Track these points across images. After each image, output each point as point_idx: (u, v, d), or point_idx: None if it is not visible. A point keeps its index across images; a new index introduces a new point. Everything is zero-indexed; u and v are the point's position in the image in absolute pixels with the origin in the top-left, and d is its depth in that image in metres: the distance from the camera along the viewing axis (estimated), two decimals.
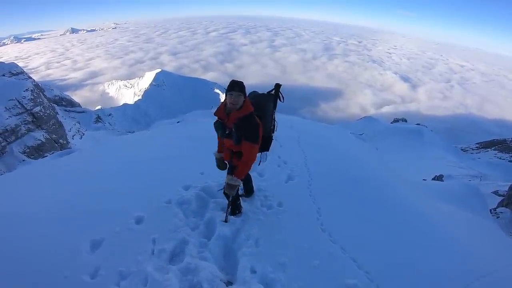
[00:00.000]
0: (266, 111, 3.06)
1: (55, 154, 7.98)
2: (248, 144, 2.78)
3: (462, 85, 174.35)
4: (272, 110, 3.14)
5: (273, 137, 3.28)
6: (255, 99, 3.05)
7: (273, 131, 3.27)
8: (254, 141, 2.79)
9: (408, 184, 5.88)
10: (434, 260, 3.12)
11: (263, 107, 3.03)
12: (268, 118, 3.09)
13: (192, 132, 7.15)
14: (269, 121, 3.12)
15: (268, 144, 3.21)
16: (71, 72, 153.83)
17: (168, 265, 2.67)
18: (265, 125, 3.02)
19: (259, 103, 3.02)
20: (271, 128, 3.18)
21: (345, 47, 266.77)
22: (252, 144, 2.78)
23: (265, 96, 3.13)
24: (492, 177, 21.83)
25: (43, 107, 35.46)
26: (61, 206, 3.42)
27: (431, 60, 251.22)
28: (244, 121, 2.75)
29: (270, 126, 3.15)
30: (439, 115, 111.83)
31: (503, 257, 4.23)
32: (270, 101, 3.10)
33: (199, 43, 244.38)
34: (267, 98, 3.10)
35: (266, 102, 3.08)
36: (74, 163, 5.73)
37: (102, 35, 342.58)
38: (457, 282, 2.93)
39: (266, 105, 3.07)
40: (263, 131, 2.94)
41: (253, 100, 3.01)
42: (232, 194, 3.02)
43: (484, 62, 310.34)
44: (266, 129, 3.08)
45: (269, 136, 3.18)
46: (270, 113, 3.11)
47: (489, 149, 32.88)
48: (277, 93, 3.12)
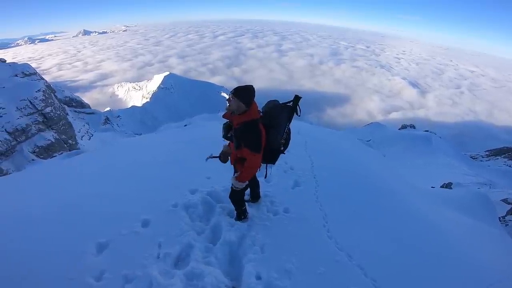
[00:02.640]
0: (278, 123, 2.88)
1: (64, 154, 8.11)
2: (247, 151, 2.75)
3: (472, 91, 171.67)
4: (285, 123, 2.93)
5: (283, 151, 3.07)
6: (269, 108, 2.95)
7: (284, 145, 3.02)
8: (253, 149, 2.71)
9: (416, 191, 5.79)
10: (444, 269, 3.07)
11: (274, 118, 2.88)
12: (278, 130, 2.90)
13: (199, 135, 7.19)
14: (279, 133, 2.91)
15: (274, 157, 3.05)
16: (82, 74, 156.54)
17: (173, 269, 2.68)
18: (273, 136, 2.88)
19: (271, 113, 2.90)
20: (280, 142, 2.95)
21: (352, 52, 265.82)
22: (251, 152, 2.72)
23: (280, 107, 2.93)
24: (502, 185, 21.36)
25: (54, 107, 36.13)
26: (68, 207, 3.46)
27: (440, 66, 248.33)
28: (244, 127, 2.71)
29: (279, 139, 2.93)
30: (448, 122, 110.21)
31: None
32: (284, 113, 2.90)
33: (207, 47, 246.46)
34: (281, 110, 2.91)
35: (279, 113, 2.89)
36: (82, 164, 5.81)
37: (113, 37, 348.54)
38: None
39: (279, 116, 2.88)
40: (270, 143, 2.86)
41: (267, 109, 2.95)
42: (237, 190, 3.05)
43: (495, 67, 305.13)
44: (274, 141, 2.91)
45: (277, 149, 2.98)
46: (282, 126, 2.91)
47: (499, 157, 32.24)
48: (295, 105, 2.92)
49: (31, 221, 3.20)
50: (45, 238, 2.90)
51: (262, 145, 2.75)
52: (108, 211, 3.35)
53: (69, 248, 2.75)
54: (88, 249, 2.74)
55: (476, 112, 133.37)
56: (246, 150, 2.75)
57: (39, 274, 2.47)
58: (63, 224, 3.13)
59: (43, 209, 3.45)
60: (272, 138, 2.89)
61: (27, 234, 2.98)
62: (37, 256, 2.65)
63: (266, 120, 2.85)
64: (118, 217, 3.24)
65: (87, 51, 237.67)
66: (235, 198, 3.22)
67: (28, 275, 2.45)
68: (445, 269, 3.07)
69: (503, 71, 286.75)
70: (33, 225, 3.13)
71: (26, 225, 3.14)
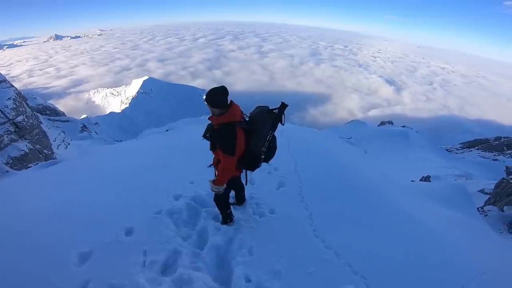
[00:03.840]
0: (260, 128, 2.81)
1: (39, 165, 7.72)
2: (220, 153, 2.76)
3: (443, 87, 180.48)
4: (268, 130, 2.82)
5: (267, 160, 2.99)
6: (253, 113, 2.92)
7: (266, 153, 2.88)
8: (225, 151, 2.69)
9: (397, 186, 5.96)
10: (430, 262, 3.16)
11: (256, 123, 2.83)
12: (260, 137, 2.80)
13: (181, 140, 7.08)
14: (260, 140, 2.81)
15: (254, 164, 2.92)
16: (55, 80, 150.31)
17: (161, 276, 2.63)
18: (254, 142, 2.81)
19: (255, 118, 2.86)
20: (261, 149, 2.82)
21: (331, 52, 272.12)
22: (223, 154, 2.71)
23: (265, 113, 2.86)
24: (477, 176, 22.42)
25: (26, 116, 34.34)
26: (46, 217, 3.33)
27: (413, 63, 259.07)
28: (218, 129, 2.72)
29: (260, 146, 2.81)
30: (423, 117, 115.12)
31: (496, 255, 4.33)
32: (268, 120, 2.82)
33: (187, 50, 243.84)
34: (266, 116, 2.84)
35: (262, 119, 2.82)
36: (60, 173, 5.57)
37: (87, 42, 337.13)
38: (455, 283, 2.96)
39: (262, 122, 2.81)
40: (250, 149, 2.81)
41: (252, 114, 2.94)
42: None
43: (464, 64, 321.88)
44: (254, 147, 2.81)
45: (257, 156, 2.85)
46: (264, 132, 2.81)
47: (473, 149, 33.88)
48: (280, 113, 2.83)
49: (8, 232, 3.06)
50: (23, 249, 2.77)
51: (235, 148, 2.69)
52: (88, 220, 3.23)
53: (49, 259, 2.65)
54: (70, 259, 2.64)
55: (449, 107, 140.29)
56: (219, 151, 2.77)
57: (19, 286, 2.38)
58: (42, 235, 3.00)
59: (20, 220, 3.30)
60: (252, 143, 2.82)
61: (4, 246, 2.85)
62: (16, 267, 2.54)
63: (249, 125, 2.84)
64: (99, 226, 3.12)
65: (59, 56, 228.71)
66: (220, 201, 3.19)
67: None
68: (431, 262, 3.15)
69: (472, 67, 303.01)
70: (10, 236, 3.00)
71: (3, 236, 3.00)
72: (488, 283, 3.12)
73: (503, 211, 11.26)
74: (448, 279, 3.01)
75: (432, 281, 2.91)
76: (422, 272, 2.98)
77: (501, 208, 11.48)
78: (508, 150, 30.99)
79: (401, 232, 3.64)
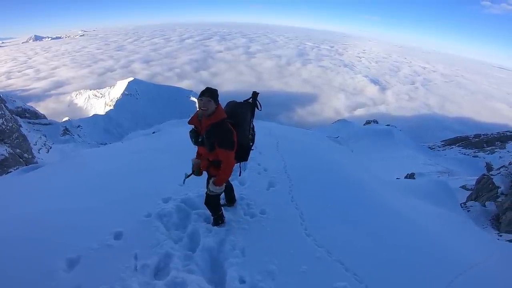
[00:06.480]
0: (243, 119, 3.00)
1: (20, 169, 7.43)
2: (222, 151, 2.76)
3: (425, 86, 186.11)
4: (249, 119, 3.08)
5: (252, 147, 3.19)
6: (230, 108, 3.03)
7: (252, 141, 3.17)
8: (227, 147, 2.76)
9: (384, 184, 6.11)
10: (418, 257, 3.24)
11: (239, 115, 2.98)
12: (244, 127, 3.02)
13: (168, 142, 6.99)
14: (246, 130, 3.05)
15: (246, 153, 3.13)
16: (34, 82, 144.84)
17: (154, 280, 2.59)
18: (241, 133, 2.96)
19: (235, 111, 2.99)
20: (248, 138, 3.10)
21: (318, 52, 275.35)
22: (226, 150, 2.76)
23: (242, 105, 3.08)
24: (459, 172, 23.24)
25: (5, 119, 32.96)
26: (30, 224, 3.18)
27: (396, 63, 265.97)
28: (215, 127, 2.73)
29: (247, 135, 3.07)
30: (406, 116, 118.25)
31: (481, 250, 4.48)
32: (246, 109, 3.06)
33: (174, 51, 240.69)
34: (243, 107, 3.06)
35: (242, 110, 3.03)
36: (42, 178, 5.38)
37: (69, 43, 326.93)
38: (443, 278, 3.03)
39: (243, 112, 3.02)
40: (239, 140, 2.91)
41: (229, 109, 3.00)
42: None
43: (443, 63, 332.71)
44: (243, 138, 3.00)
45: (246, 146, 3.09)
46: (247, 122, 3.05)
47: (454, 146, 35.12)
48: (254, 101, 3.09)
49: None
50: (8, 257, 2.65)
51: (235, 142, 2.80)
52: (75, 226, 3.12)
53: (36, 266, 2.54)
54: (58, 266, 2.54)
55: (430, 106, 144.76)
56: (221, 150, 2.76)
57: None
58: (26, 242, 2.87)
59: (1, 227, 3.15)
60: (240, 135, 2.94)
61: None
62: (1, 276, 2.43)
63: (232, 119, 2.90)
64: (87, 231, 3.03)
65: (39, 57, 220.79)
66: (210, 203, 3.18)
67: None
68: (420, 257, 3.24)
69: (451, 66, 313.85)
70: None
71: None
72: (475, 277, 3.23)
73: (485, 207, 11.71)
74: (437, 273, 3.09)
75: (422, 276, 2.98)
76: (412, 268, 3.06)
77: (483, 204, 11.94)
78: (488, 146, 32.30)
79: (388, 228, 3.73)
